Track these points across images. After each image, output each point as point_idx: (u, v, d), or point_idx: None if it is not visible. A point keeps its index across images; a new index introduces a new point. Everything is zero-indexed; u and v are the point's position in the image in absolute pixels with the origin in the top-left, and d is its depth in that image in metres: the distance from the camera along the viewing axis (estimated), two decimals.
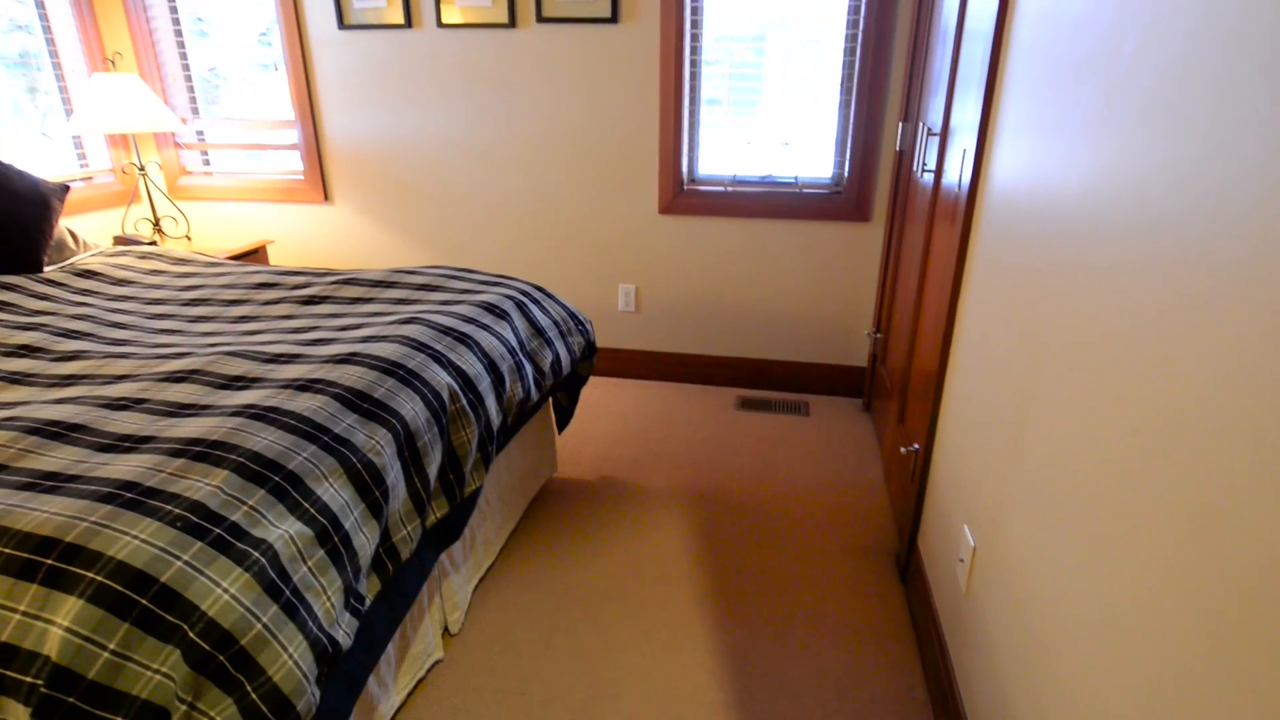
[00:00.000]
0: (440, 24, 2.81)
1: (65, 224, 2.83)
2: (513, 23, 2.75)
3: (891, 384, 2.40)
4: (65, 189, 2.42)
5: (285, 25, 2.93)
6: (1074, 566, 0.92)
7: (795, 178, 2.80)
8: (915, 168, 2.21)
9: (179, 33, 3.13)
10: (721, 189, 2.83)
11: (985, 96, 1.53)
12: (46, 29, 2.91)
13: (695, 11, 2.66)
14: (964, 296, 1.63)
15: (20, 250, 2.22)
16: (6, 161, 2.43)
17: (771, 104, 2.74)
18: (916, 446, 1.87)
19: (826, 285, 2.88)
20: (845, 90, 2.65)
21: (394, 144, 3.03)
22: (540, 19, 2.72)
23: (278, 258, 3.35)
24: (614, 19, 2.66)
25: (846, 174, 2.73)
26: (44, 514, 0.97)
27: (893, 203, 2.60)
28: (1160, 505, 0.72)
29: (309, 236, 3.28)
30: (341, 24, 2.89)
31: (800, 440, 2.65)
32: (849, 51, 2.61)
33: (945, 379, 1.74)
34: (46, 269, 2.27)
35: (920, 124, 2.24)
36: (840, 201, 2.75)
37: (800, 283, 2.89)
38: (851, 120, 2.66)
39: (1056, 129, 1.12)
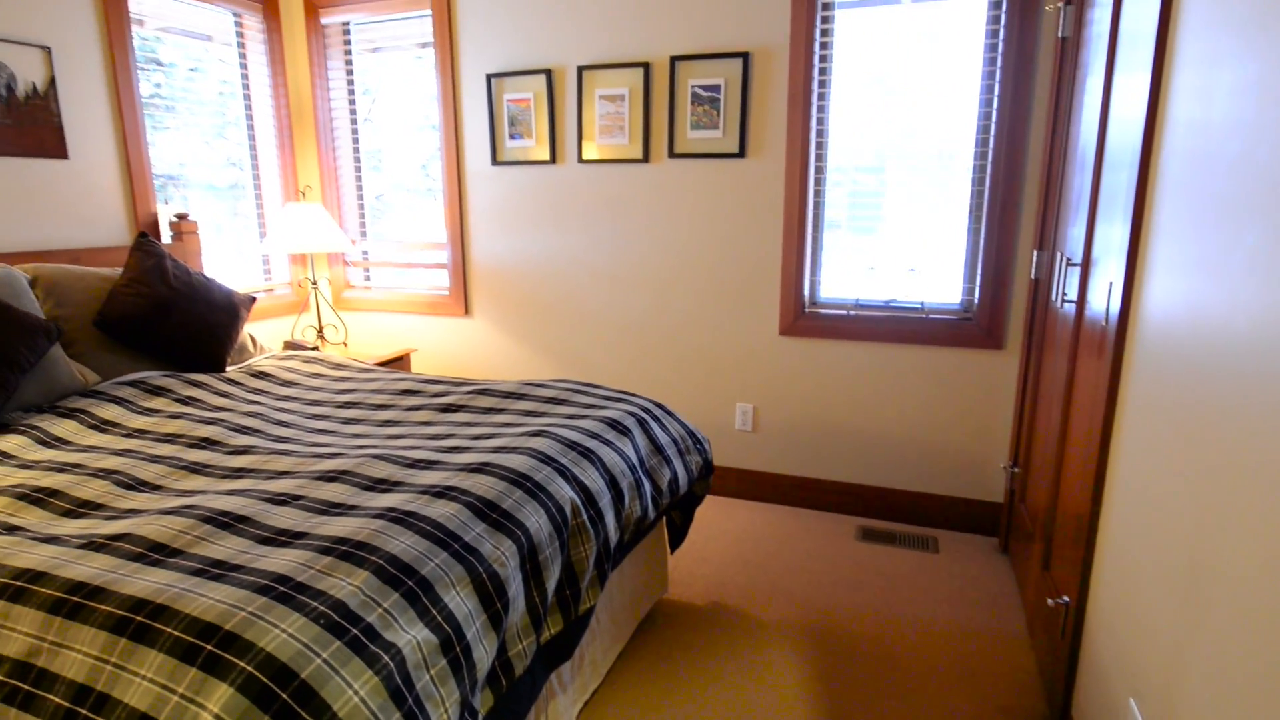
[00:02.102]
0: (580, 160, 3.08)
1: (247, 329, 3.21)
2: (646, 158, 2.97)
3: (1033, 525, 2.22)
4: (252, 300, 2.77)
5: (447, 161, 3.31)
6: None
7: (921, 303, 2.76)
8: (1054, 297, 2.13)
9: (358, 166, 3.61)
10: (844, 313, 2.83)
11: (1132, 230, 1.48)
12: (255, 165, 3.43)
13: (820, 147, 2.78)
14: (1117, 435, 1.51)
15: (210, 352, 2.53)
16: (208, 274, 2.83)
17: (892, 226, 2.76)
18: (1067, 599, 1.69)
19: (956, 413, 2.75)
20: (974, 215, 2.64)
21: (531, 264, 3.28)
22: (672, 155, 2.93)
23: (420, 365, 3.62)
24: (741, 154, 2.82)
25: (977, 300, 2.67)
26: (209, 600, 1.06)
27: (1029, 331, 2.50)
28: None
29: (449, 346, 3.54)
30: (494, 160, 3.23)
31: (928, 579, 2.46)
32: (977, 178, 2.61)
33: (1099, 525, 1.59)
34: (228, 369, 2.56)
35: (1058, 253, 2.17)
36: (970, 328, 2.67)
37: (927, 409, 2.79)
38: (981, 245, 2.63)
39: (1220, 268, 1.06)
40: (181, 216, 2.95)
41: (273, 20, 3.38)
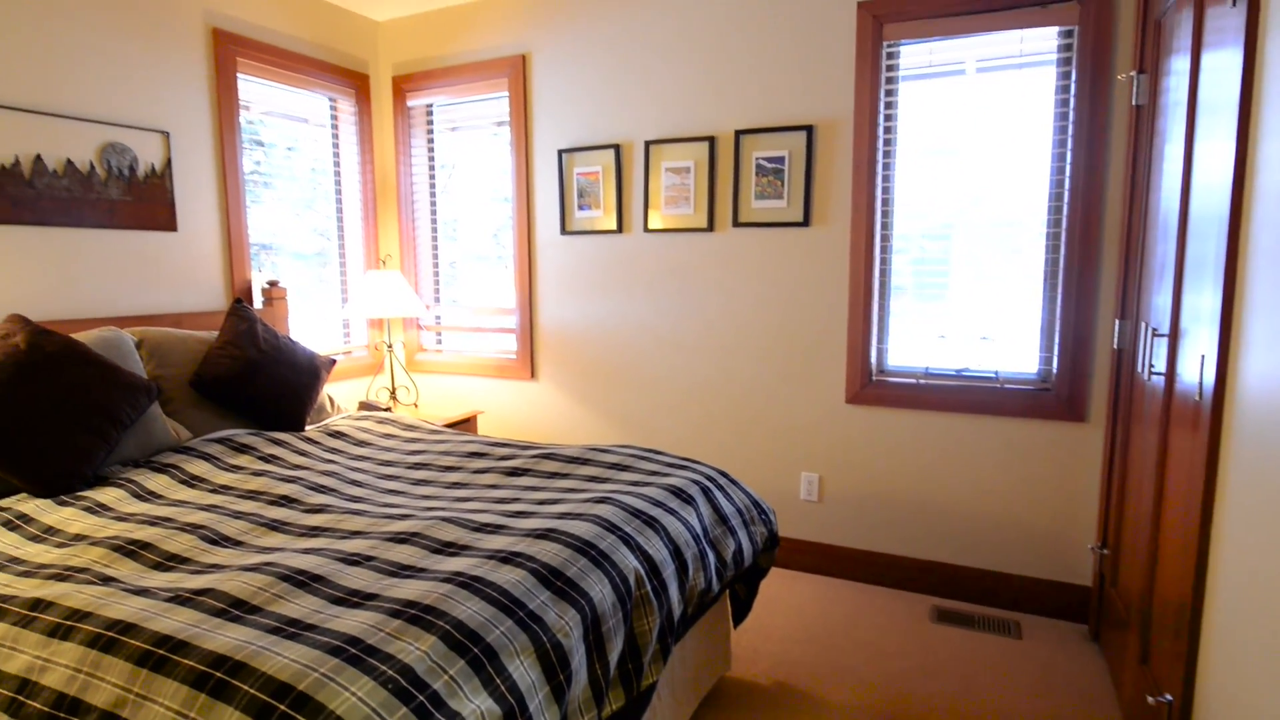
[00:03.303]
0: (646, 229, 3.16)
1: (325, 389, 3.36)
2: (711, 227, 3.03)
3: (1128, 612, 2.06)
4: (332, 362, 2.90)
5: (518, 231, 3.45)
6: None
7: (996, 372, 2.67)
8: (1139, 368, 2.04)
9: (435, 236, 3.79)
10: (914, 381, 2.77)
11: (1224, 300, 1.42)
12: (341, 234, 3.65)
13: (885, 215, 2.78)
14: (1219, 516, 1.41)
15: (292, 411, 2.65)
16: (294, 337, 2.99)
17: (960, 293, 2.71)
18: (1169, 698, 1.55)
19: (1036, 488, 2.62)
20: (1049, 283, 2.57)
21: (596, 330, 3.34)
22: (736, 224, 2.98)
23: (487, 427, 3.70)
24: (805, 223, 2.85)
25: (1055, 369, 2.57)
26: (284, 659, 1.08)
27: (1113, 403, 2.39)
28: None
29: (515, 409, 3.61)
30: (563, 230, 3.35)
31: (1011, 668, 2.30)
32: (1051, 245, 2.55)
33: (1203, 614, 1.47)
34: (307, 428, 2.67)
35: (1142, 323, 2.09)
36: (1049, 399, 2.56)
37: (1004, 483, 2.66)
38: (1059, 313, 2.54)
39: None
40: (273, 283, 3.14)
41: (364, 103, 3.65)
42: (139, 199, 2.68)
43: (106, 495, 1.88)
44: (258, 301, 3.16)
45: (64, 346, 2.05)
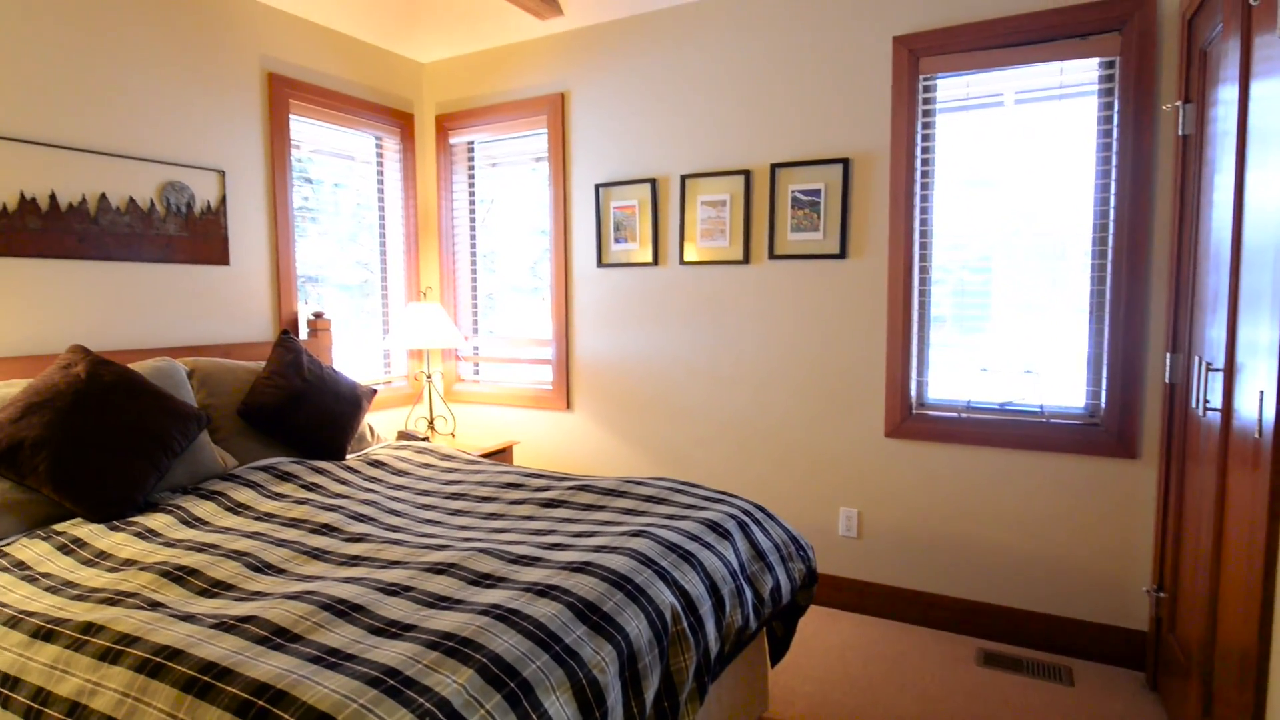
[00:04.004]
0: (682, 262, 3.18)
1: (366, 419, 3.42)
2: (747, 260, 3.04)
3: (1188, 659, 1.96)
4: (373, 392, 2.96)
5: (555, 263, 3.50)
6: None
7: (1041, 406, 2.61)
8: (1193, 403, 1.97)
9: (474, 268, 3.87)
10: (955, 415, 2.71)
11: None
12: (384, 267, 3.75)
13: (924, 247, 2.76)
14: None
15: (333, 440, 2.70)
16: (337, 367, 3.06)
17: (1001, 324, 2.66)
18: None
19: (1086, 527, 2.53)
20: (1095, 315, 2.51)
21: (631, 361, 3.36)
22: (772, 256, 2.98)
23: (522, 457, 3.72)
24: (842, 255, 2.84)
25: (1104, 404, 2.50)
26: (324, 689, 1.09)
27: (1166, 440, 2.30)
28: None
29: (550, 440, 3.63)
30: (599, 263, 3.39)
31: (1063, 716, 2.20)
32: (1097, 277, 2.50)
33: (1270, 663, 1.39)
34: (348, 457, 2.72)
35: (1195, 356, 2.02)
36: (1098, 434, 2.48)
37: (1053, 522, 2.58)
38: (1106, 346, 2.48)
39: None
40: (318, 315, 3.23)
41: (408, 141, 3.77)
42: (195, 234, 2.79)
43: (156, 521, 1.93)
44: (303, 332, 3.25)
45: (121, 376, 2.13)
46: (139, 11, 2.61)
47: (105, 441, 1.99)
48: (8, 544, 1.80)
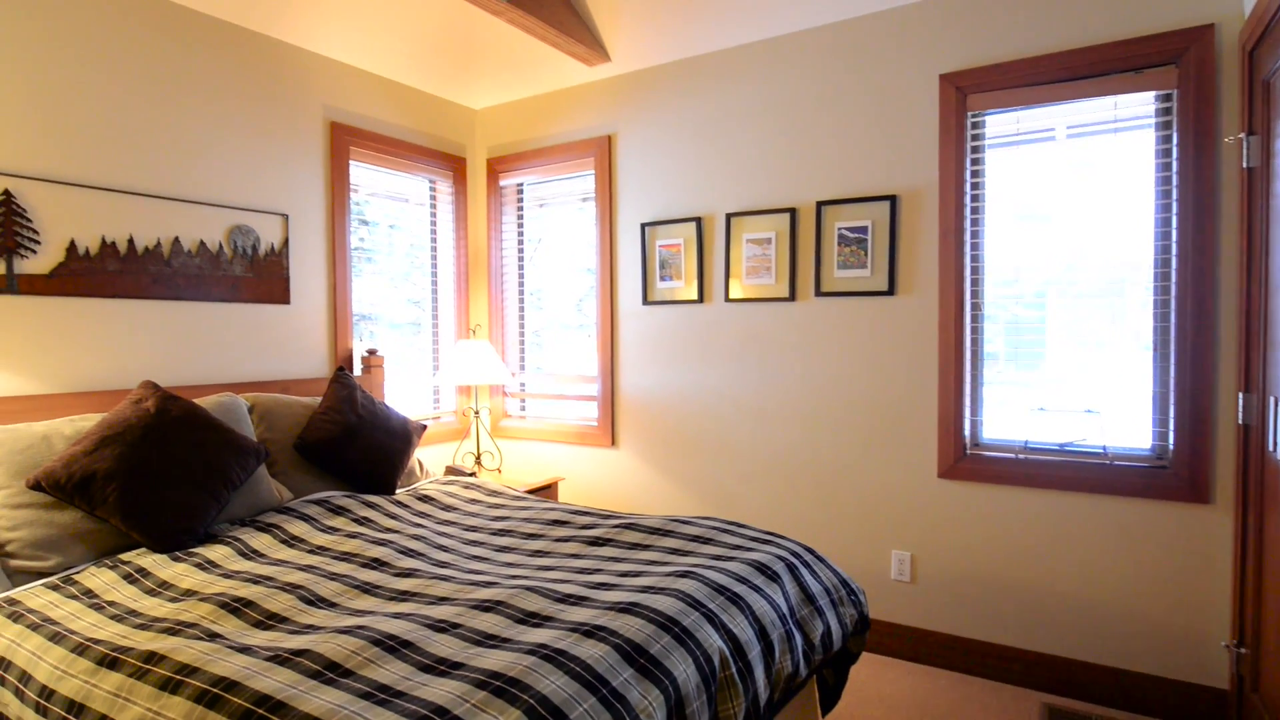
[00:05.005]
0: (728, 299, 3.19)
1: (415, 454, 3.48)
2: (793, 297, 3.03)
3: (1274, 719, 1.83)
4: (423, 427, 3.02)
5: (601, 301, 3.55)
6: None
7: (1104, 447, 2.50)
8: (1270, 445, 1.87)
9: (522, 305, 3.94)
10: (1012, 455, 2.62)
11: None
12: (435, 305, 3.85)
13: (975, 283, 2.71)
14: None
15: (383, 475, 2.75)
16: (389, 403, 3.13)
17: (1057, 362, 2.58)
18: None
19: (1156, 576, 2.40)
20: (1160, 352, 2.42)
21: (676, 399, 3.35)
22: (819, 293, 2.96)
23: (567, 493, 3.72)
24: (891, 292, 2.81)
25: (1172, 445, 2.39)
26: None
27: (1241, 484, 2.19)
28: None
29: (595, 476, 3.63)
30: (645, 300, 3.42)
31: None
32: (1160, 314, 2.41)
33: None
34: (397, 491, 2.76)
35: (1270, 396, 1.93)
36: (1166, 478, 2.37)
37: (1119, 570, 2.46)
38: (1173, 384, 2.38)
39: None
40: (372, 352, 3.33)
41: (460, 184, 3.90)
42: (259, 275, 2.92)
43: (215, 552, 1.98)
44: (357, 368, 3.34)
45: (187, 411, 2.22)
46: (214, 68, 2.78)
47: (171, 474, 2.07)
48: (77, 572, 1.87)
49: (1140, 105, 2.43)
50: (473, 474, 3.30)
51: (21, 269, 2.27)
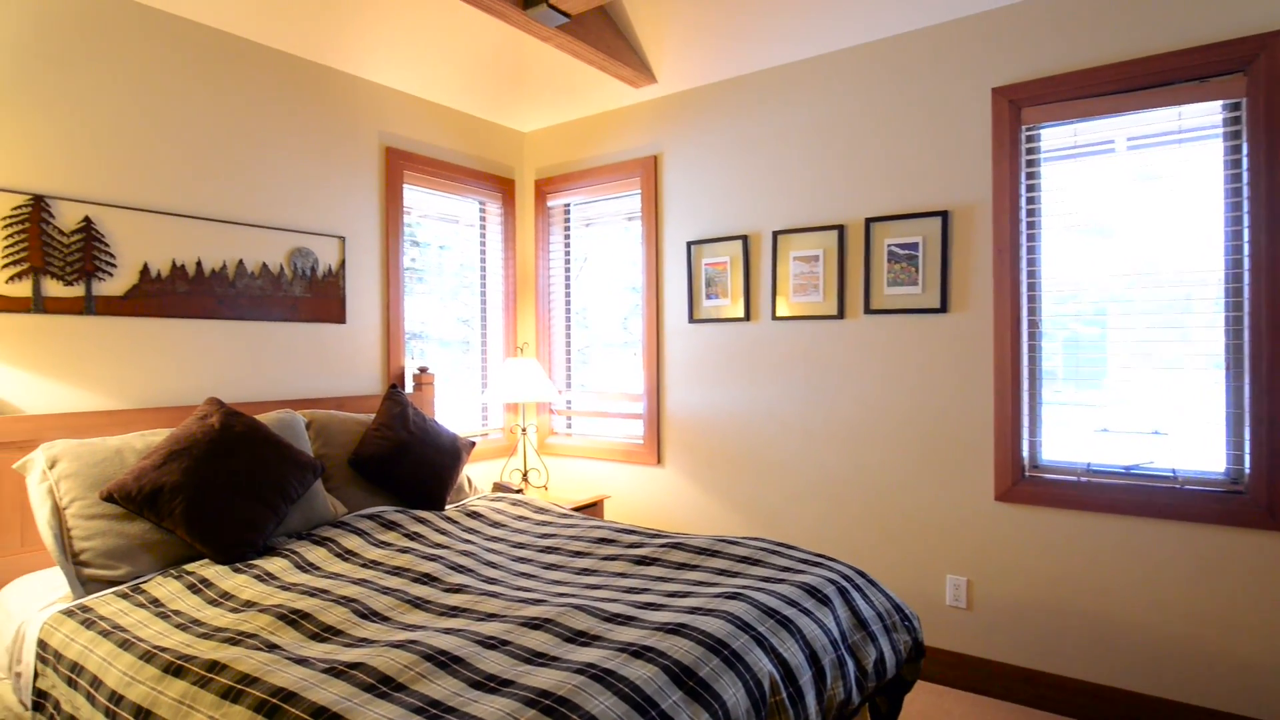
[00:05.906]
0: (774, 317, 3.16)
1: (464, 470, 3.53)
2: (841, 314, 2.99)
3: None
4: (472, 444, 3.06)
5: (647, 319, 3.56)
6: None
7: (1173, 470, 2.39)
8: None
9: (568, 324, 3.98)
10: (1073, 479, 2.53)
11: None
12: (484, 323, 3.92)
13: (1032, 300, 2.63)
14: None
15: (433, 491, 2.80)
16: (439, 420, 3.19)
17: (1120, 380, 2.48)
18: None
19: (1228, 606, 2.27)
20: (1233, 370, 2.31)
21: (722, 417, 3.33)
22: (868, 311, 2.92)
23: (612, 511, 3.73)
24: (943, 309, 2.75)
25: (1248, 469, 2.27)
26: None
27: None
28: None
29: (641, 494, 3.62)
30: (691, 318, 3.42)
31: None
32: (1232, 330, 2.30)
33: None
34: (447, 507, 2.80)
35: None
36: (1242, 503, 2.25)
37: (1192, 600, 2.33)
38: (1247, 405, 2.26)
39: None
40: (423, 369, 3.40)
41: (509, 205, 3.97)
42: (317, 295, 3.02)
43: (273, 565, 2.04)
44: (409, 386, 3.41)
45: (249, 427, 2.30)
46: (276, 98, 2.90)
47: (233, 487, 2.14)
48: (145, 581, 1.94)
49: (1206, 115, 2.35)
50: (519, 490, 3.33)
51: (99, 291, 2.40)
